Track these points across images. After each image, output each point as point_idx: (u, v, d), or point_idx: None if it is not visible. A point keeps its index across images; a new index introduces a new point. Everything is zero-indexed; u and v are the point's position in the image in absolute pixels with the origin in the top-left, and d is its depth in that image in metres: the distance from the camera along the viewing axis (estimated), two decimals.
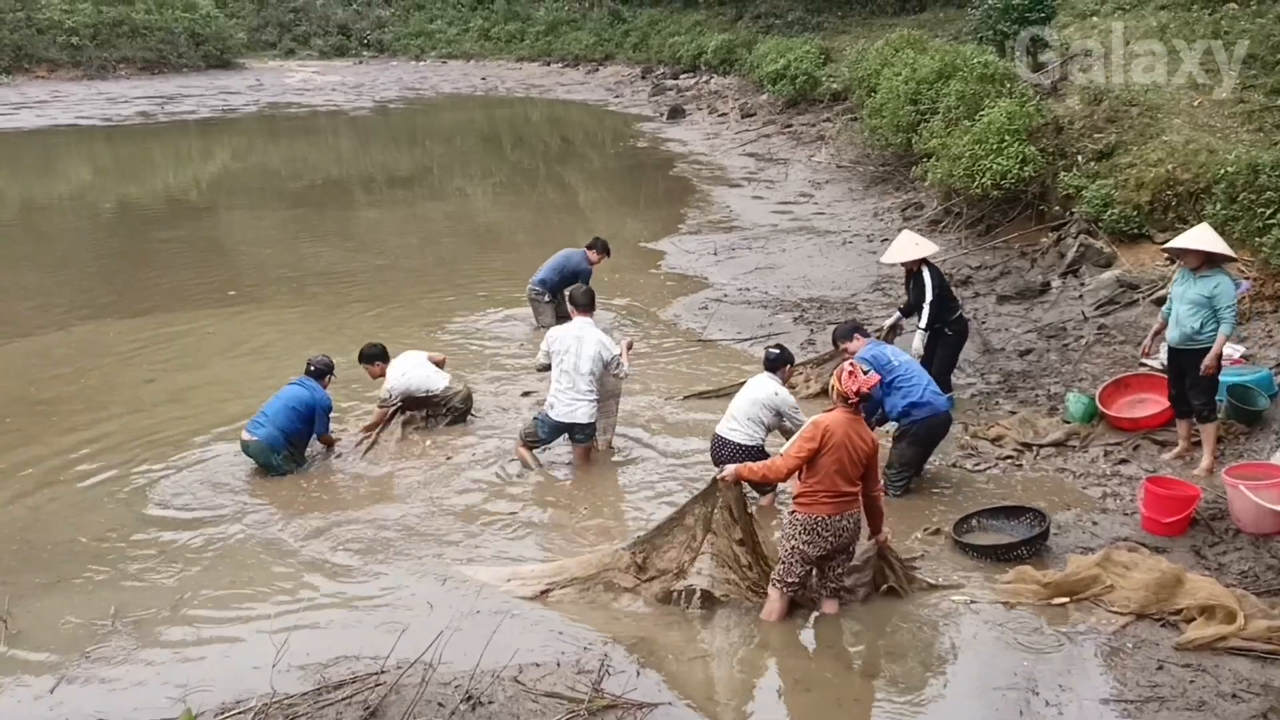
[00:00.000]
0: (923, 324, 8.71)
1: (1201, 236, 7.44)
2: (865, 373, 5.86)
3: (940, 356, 8.86)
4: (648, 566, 6.13)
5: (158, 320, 11.91)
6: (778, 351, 7.59)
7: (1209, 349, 7.25)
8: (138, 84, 40.31)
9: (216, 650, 5.75)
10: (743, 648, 5.79)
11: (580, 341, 7.88)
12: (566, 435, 8.10)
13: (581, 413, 7.89)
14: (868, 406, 6.38)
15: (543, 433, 8.04)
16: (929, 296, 8.71)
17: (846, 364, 5.94)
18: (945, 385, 8.71)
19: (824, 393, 7.22)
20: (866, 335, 7.99)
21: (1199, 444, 7.60)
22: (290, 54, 51.90)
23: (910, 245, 9.04)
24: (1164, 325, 7.72)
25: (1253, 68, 12.58)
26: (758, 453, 7.15)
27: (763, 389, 7.39)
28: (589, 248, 11.27)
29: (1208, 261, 7.30)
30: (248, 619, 6.06)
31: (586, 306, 8.18)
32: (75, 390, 9.70)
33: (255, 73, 45.64)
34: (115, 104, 34.80)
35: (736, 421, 7.33)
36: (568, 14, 48.14)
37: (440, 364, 9.03)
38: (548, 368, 8.07)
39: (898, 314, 9.42)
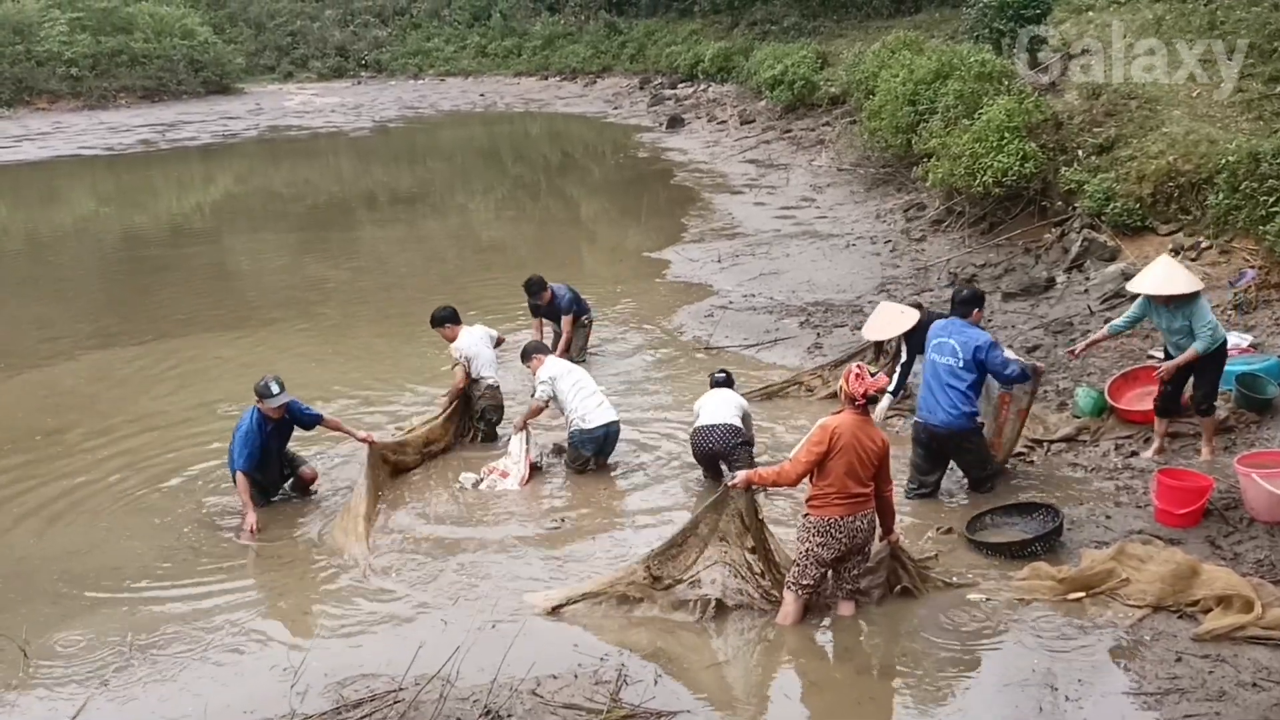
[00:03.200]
0: (892, 388, 8.50)
1: (1166, 279, 7.33)
2: (873, 375, 5.87)
3: None
4: (663, 576, 6.12)
5: (166, 347, 11.95)
6: (725, 375, 8.43)
7: (1215, 351, 7.31)
8: (138, 112, 40.52)
9: (234, 673, 5.76)
10: (759, 652, 5.79)
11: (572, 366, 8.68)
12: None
13: (611, 410, 8.31)
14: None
15: (588, 450, 8.23)
16: (905, 359, 8.80)
17: (853, 366, 5.95)
18: None
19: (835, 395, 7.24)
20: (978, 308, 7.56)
21: (1173, 436, 7.76)
22: (289, 77, 52.10)
23: (896, 318, 9.03)
24: (1107, 336, 8.12)
25: (1250, 56, 12.58)
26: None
27: (733, 395, 8.10)
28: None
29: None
30: (264, 641, 6.07)
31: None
32: (86, 419, 9.72)
33: (254, 97, 45.84)
34: (116, 133, 34.98)
35: (730, 410, 7.85)
36: (564, 28, 48.27)
37: (499, 343, 9.31)
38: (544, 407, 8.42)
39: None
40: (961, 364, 7.15)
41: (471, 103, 41.96)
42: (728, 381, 8.33)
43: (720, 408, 7.85)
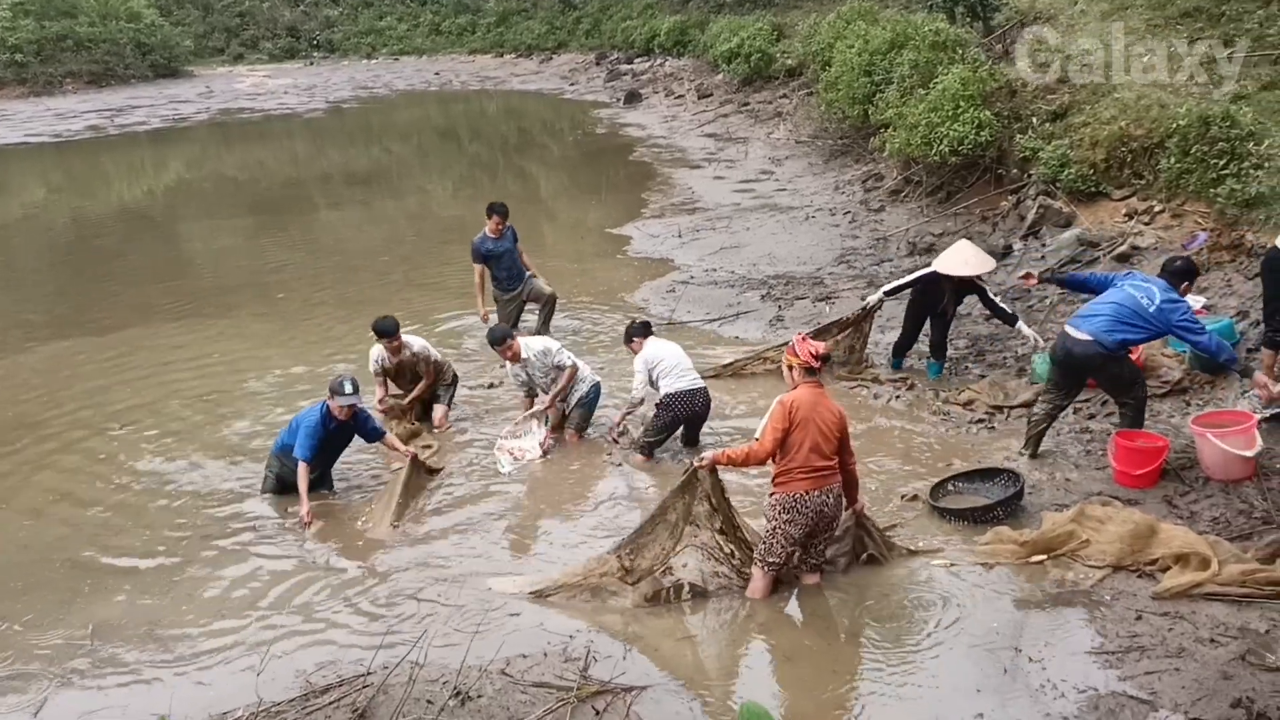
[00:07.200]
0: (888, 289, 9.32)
1: None
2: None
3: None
4: (634, 569, 6.04)
5: (123, 337, 11.73)
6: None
7: None
8: (85, 98, 39.72)
9: (200, 663, 5.71)
10: (729, 626, 5.82)
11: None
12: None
13: None
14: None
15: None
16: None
17: (795, 337, 6.01)
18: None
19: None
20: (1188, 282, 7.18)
21: None
22: (239, 59, 51.29)
23: (974, 258, 9.02)
24: None
25: (1199, 20, 12.69)
26: None
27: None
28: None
29: None
30: (230, 631, 6.01)
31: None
32: (48, 414, 9.51)
33: (204, 80, 45.07)
34: (64, 119, 34.28)
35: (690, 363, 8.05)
36: (518, 4, 47.87)
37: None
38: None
39: (881, 295, 9.34)
40: (1151, 311, 6.77)
41: (426, 82, 41.53)
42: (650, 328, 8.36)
43: (685, 360, 8.01)
